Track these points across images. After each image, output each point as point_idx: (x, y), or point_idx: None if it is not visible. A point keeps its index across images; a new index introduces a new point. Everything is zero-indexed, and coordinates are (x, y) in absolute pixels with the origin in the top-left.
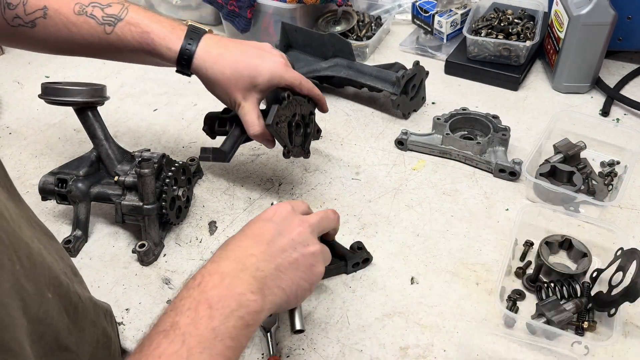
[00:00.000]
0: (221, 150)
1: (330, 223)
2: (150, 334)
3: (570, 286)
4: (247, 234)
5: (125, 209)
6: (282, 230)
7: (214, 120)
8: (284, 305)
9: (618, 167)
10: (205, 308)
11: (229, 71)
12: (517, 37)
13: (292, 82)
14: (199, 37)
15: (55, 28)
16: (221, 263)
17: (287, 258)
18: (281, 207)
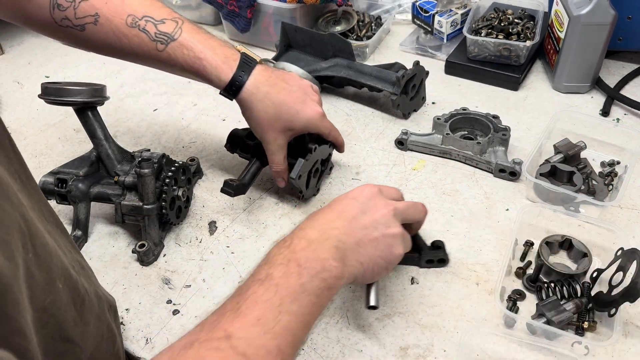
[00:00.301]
0: (242, 185)
1: (417, 214)
2: (247, 282)
3: (570, 286)
4: (333, 208)
5: (125, 209)
6: (366, 210)
7: (237, 140)
8: (360, 278)
9: (618, 167)
10: (295, 265)
11: (272, 111)
12: (517, 37)
13: (323, 131)
14: (250, 69)
15: (104, 35)
16: (307, 231)
17: (368, 235)
18: (368, 188)
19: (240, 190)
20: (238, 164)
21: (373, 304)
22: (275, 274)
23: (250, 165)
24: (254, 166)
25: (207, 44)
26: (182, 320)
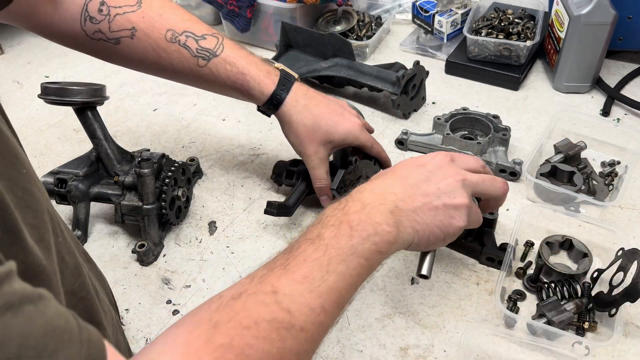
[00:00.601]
0: (286, 206)
1: (492, 189)
2: (299, 240)
3: (570, 286)
4: (396, 173)
5: (125, 209)
6: (430, 177)
7: (282, 169)
8: (414, 246)
9: (618, 167)
10: (347, 227)
11: (310, 123)
12: (518, 36)
13: (364, 144)
14: (290, 84)
15: (142, 49)
16: (364, 193)
17: (428, 204)
18: (440, 156)
19: (283, 211)
20: (238, 164)
21: (424, 273)
22: (327, 234)
23: (295, 188)
24: (298, 189)
25: (250, 59)
26: None
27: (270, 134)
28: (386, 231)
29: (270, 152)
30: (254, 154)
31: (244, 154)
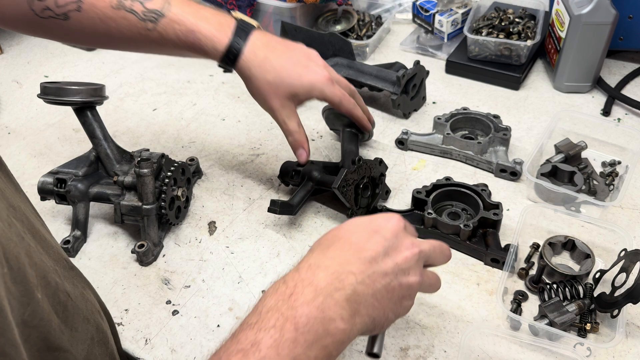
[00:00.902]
0: (289, 204)
1: (442, 258)
2: (229, 348)
3: (573, 287)
4: (351, 242)
5: (125, 209)
6: (389, 250)
7: (289, 170)
8: (367, 332)
9: (619, 167)
10: (291, 329)
11: (272, 77)
12: (518, 36)
13: (331, 98)
14: (247, 35)
15: (90, 22)
16: (318, 273)
17: (387, 286)
18: (394, 220)
19: (286, 210)
20: (238, 164)
21: (376, 352)
22: (265, 342)
23: (300, 187)
24: (303, 189)
25: (199, 15)
26: (182, 321)
27: (270, 134)
28: (340, 329)
29: (270, 152)
30: (254, 154)
31: (244, 154)
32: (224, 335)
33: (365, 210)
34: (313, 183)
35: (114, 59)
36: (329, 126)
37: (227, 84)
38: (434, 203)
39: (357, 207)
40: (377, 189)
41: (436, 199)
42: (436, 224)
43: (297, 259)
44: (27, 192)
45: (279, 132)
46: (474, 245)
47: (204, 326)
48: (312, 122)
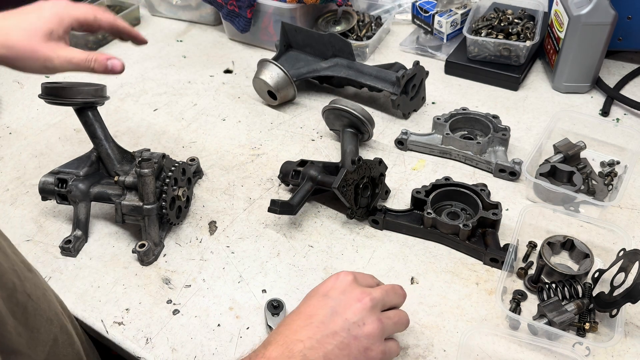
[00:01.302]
0: (289, 204)
1: (396, 299)
2: None
3: (572, 287)
4: (301, 312)
5: (125, 209)
6: (337, 308)
7: (289, 170)
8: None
9: (618, 167)
10: None
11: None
12: (517, 37)
13: (84, 17)
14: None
15: None
16: (269, 347)
17: (338, 344)
18: (341, 278)
19: (286, 210)
20: (238, 164)
21: None
22: None
23: (300, 187)
24: (303, 189)
25: None
26: (182, 320)
27: (271, 134)
28: None
29: (270, 152)
30: (254, 154)
31: (244, 154)
32: (224, 335)
33: (365, 210)
34: (313, 183)
35: None
36: (329, 126)
37: (227, 84)
38: (434, 203)
39: (357, 207)
40: (376, 189)
41: (435, 198)
42: (435, 224)
43: (297, 259)
44: (28, 192)
45: (279, 132)
46: (473, 245)
47: (205, 325)
48: (312, 122)
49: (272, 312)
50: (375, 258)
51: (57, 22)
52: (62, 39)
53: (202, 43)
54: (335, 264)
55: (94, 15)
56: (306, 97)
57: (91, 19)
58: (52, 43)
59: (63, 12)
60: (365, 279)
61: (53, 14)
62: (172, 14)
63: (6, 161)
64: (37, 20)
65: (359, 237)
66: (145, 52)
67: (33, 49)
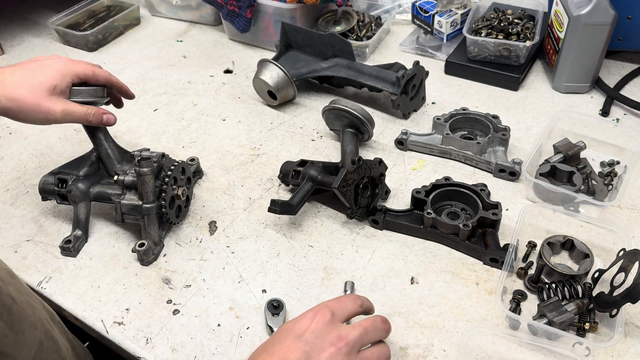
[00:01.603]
0: (289, 204)
1: (376, 334)
2: None
3: (572, 287)
4: (273, 353)
5: (125, 208)
6: (311, 353)
7: (289, 170)
8: None
9: (618, 167)
10: None
11: (23, 89)
12: (517, 37)
13: (84, 73)
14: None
15: None
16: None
17: None
18: (318, 318)
19: (286, 210)
20: (238, 164)
21: None
22: None
23: (300, 187)
24: (303, 189)
25: None
26: (182, 320)
27: (271, 134)
28: None
29: (270, 152)
30: (254, 154)
31: (244, 154)
32: (224, 335)
33: (365, 210)
34: (313, 183)
35: (115, 59)
36: (329, 126)
37: (227, 85)
38: (433, 203)
39: (356, 207)
40: (376, 189)
41: (435, 198)
42: (435, 224)
43: (297, 259)
44: (28, 192)
45: (279, 132)
46: (473, 245)
47: (205, 325)
48: (312, 122)
49: (272, 312)
50: (375, 258)
51: (59, 78)
52: (64, 93)
53: (202, 43)
54: (335, 264)
55: (93, 71)
56: (306, 97)
57: (90, 75)
58: (54, 97)
59: (65, 69)
60: (346, 308)
61: (56, 71)
62: (172, 14)
63: (6, 161)
64: (41, 76)
65: (359, 237)
66: (145, 52)
67: (37, 103)
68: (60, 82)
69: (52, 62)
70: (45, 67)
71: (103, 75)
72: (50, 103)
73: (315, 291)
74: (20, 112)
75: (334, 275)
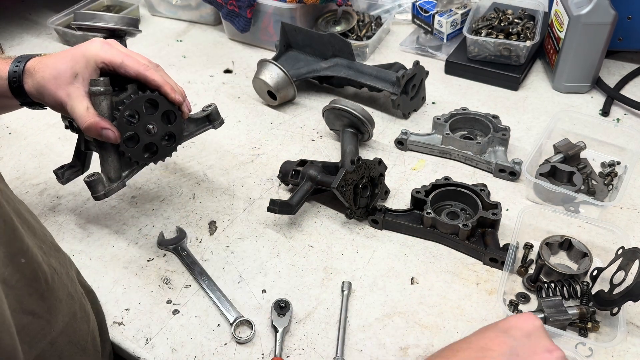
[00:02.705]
0: (288, 204)
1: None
2: None
3: (570, 286)
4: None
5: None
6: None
7: (289, 170)
8: None
9: (618, 167)
10: None
11: (49, 72)
12: (517, 37)
13: (111, 60)
14: (27, 59)
15: None
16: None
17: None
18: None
19: (285, 209)
20: (238, 164)
21: None
22: None
23: (300, 187)
24: (302, 188)
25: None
26: (182, 320)
27: (270, 134)
28: None
29: (270, 152)
30: (254, 154)
31: (243, 154)
32: (224, 335)
33: (364, 210)
34: (312, 183)
35: None
36: (329, 126)
37: (227, 85)
38: (433, 203)
39: (356, 207)
40: (376, 189)
41: (435, 198)
42: (435, 224)
43: (297, 259)
44: (27, 192)
45: (279, 132)
46: (472, 245)
47: (205, 325)
48: (312, 122)
49: (278, 313)
50: (375, 258)
51: (83, 65)
52: (84, 82)
53: (202, 43)
54: (335, 264)
55: (122, 60)
56: (306, 97)
57: (117, 63)
58: (73, 88)
59: (90, 55)
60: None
61: (81, 56)
62: (172, 14)
63: (6, 161)
64: (67, 62)
65: (359, 237)
66: (145, 52)
67: (55, 90)
68: (83, 69)
69: (84, 45)
70: (76, 50)
71: (133, 68)
72: (64, 94)
73: (315, 291)
74: (43, 98)
75: (334, 275)
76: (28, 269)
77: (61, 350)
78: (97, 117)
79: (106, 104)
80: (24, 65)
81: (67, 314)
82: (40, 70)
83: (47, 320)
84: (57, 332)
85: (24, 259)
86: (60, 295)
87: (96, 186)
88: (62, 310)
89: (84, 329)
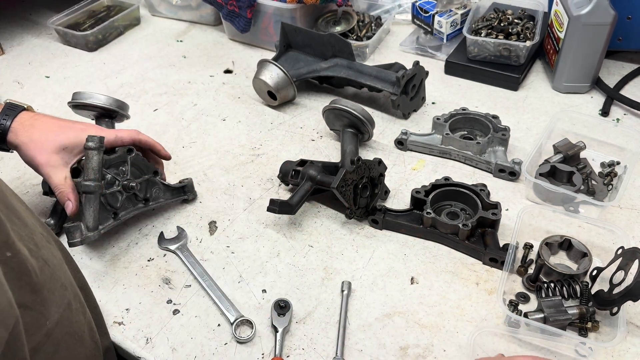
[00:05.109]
0: (288, 204)
1: None
2: None
3: (570, 286)
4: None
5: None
6: None
7: (289, 170)
8: None
9: (618, 167)
10: None
11: (37, 135)
12: (517, 37)
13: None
14: (16, 113)
15: None
16: None
17: None
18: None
19: (285, 209)
20: (238, 164)
21: None
22: None
23: (300, 187)
24: (302, 188)
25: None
26: (182, 320)
27: (270, 134)
28: None
29: (270, 152)
30: (254, 154)
31: (244, 154)
32: (224, 335)
33: (364, 210)
34: (312, 183)
35: (115, 59)
36: (329, 126)
37: (227, 85)
38: (433, 203)
39: (356, 207)
40: (376, 189)
41: (435, 198)
42: (435, 224)
43: (297, 259)
44: (28, 192)
45: (279, 132)
46: (472, 245)
47: (205, 325)
48: (312, 122)
49: (279, 313)
50: (375, 258)
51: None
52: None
53: (202, 43)
54: (335, 264)
55: (115, 134)
56: (306, 97)
57: (112, 139)
58: (55, 157)
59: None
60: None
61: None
62: (172, 14)
63: (6, 161)
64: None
65: (358, 237)
66: (145, 52)
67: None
68: (72, 144)
69: (78, 129)
70: (72, 127)
71: (128, 135)
72: (43, 159)
73: (315, 291)
74: (21, 154)
75: (334, 275)
76: (15, 262)
77: (57, 342)
78: (70, 188)
79: (97, 159)
80: (11, 120)
81: (61, 305)
82: (28, 133)
83: (40, 312)
84: (52, 324)
85: (9, 252)
86: (52, 287)
87: (74, 232)
88: (56, 302)
89: (80, 320)
